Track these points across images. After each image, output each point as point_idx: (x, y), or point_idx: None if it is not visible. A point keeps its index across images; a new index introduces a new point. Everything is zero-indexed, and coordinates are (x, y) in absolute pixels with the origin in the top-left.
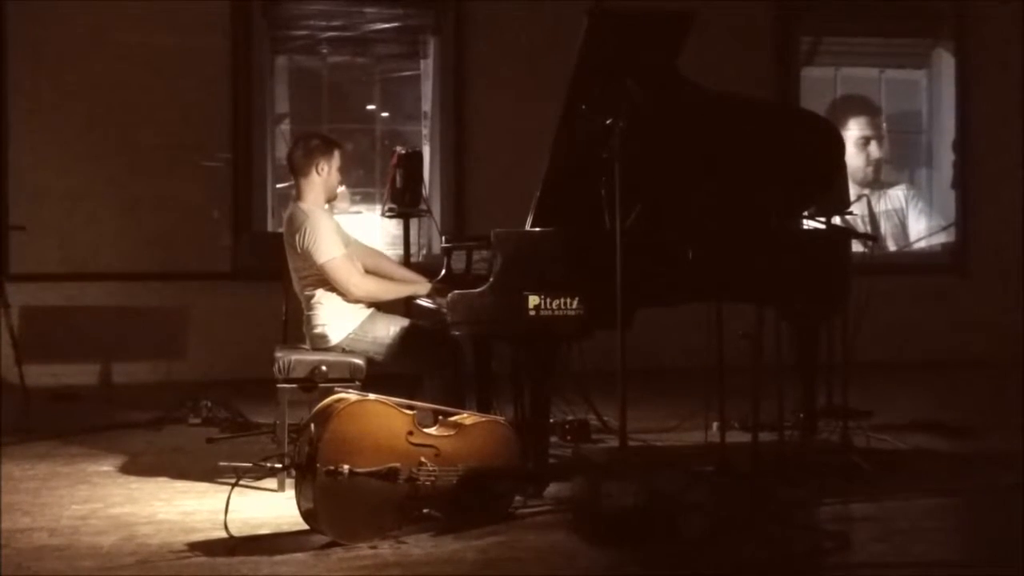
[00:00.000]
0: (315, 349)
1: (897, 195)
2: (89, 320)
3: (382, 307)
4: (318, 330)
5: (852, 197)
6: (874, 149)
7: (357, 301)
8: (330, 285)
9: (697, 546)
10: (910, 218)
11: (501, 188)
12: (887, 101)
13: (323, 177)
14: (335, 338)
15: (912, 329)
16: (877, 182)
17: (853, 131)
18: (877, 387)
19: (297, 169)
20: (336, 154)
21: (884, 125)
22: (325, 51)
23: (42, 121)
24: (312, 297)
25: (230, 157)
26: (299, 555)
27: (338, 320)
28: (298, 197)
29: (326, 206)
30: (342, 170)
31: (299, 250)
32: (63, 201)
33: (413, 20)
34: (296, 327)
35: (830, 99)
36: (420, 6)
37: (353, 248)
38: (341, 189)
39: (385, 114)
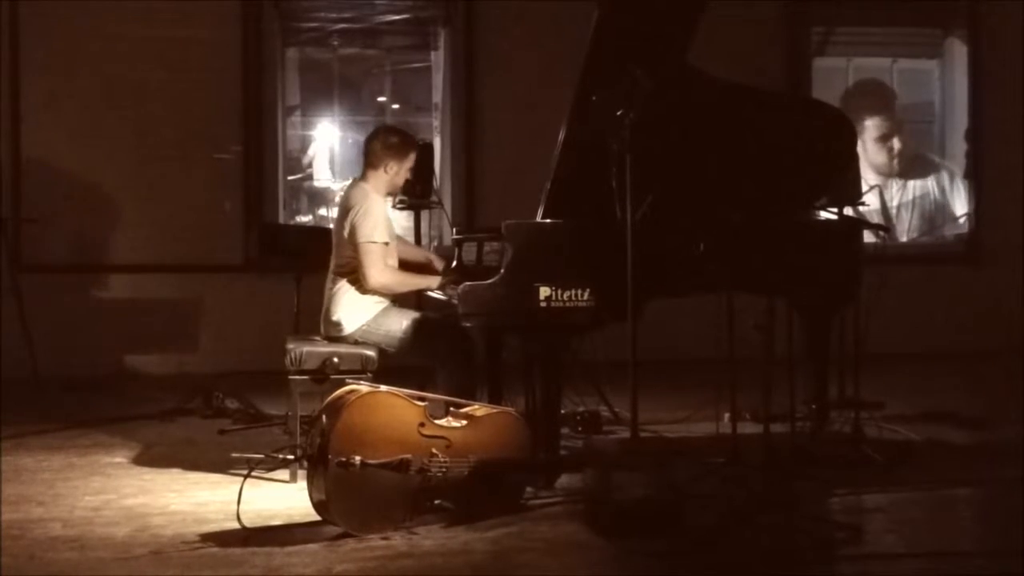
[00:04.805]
0: (328, 337)
1: (925, 184)
2: (101, 312)
3: (396, 300)
4: (334, 317)
5: (864, 188)
6: (896, 142)
7: (372, 291)
8: (353, 277)
9: (708, 537)
10: (951, 202)
11: (512, 179)
12: (899, 91)
13: (389, 175)
14: (349, 328)
15: (924, 319)
16: (906, 171)
17: (870, 124)
18: (889, 378)
19: (368, 158)
20: (411, 156)
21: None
22: (336, 43)
23: (55, 115)
24: (336, 283)
25: (241, 149)
26: (311, 546)
27: (354, 311)
28: (363, 178)
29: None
30: (414, 168)
31: (346, 226)
32: (75, 193)
33: (423, 12)
34: (308, 318)
35: (842, 89)
36: None
37: (394, 245)
38: (352, 181)
39: (396, 106)
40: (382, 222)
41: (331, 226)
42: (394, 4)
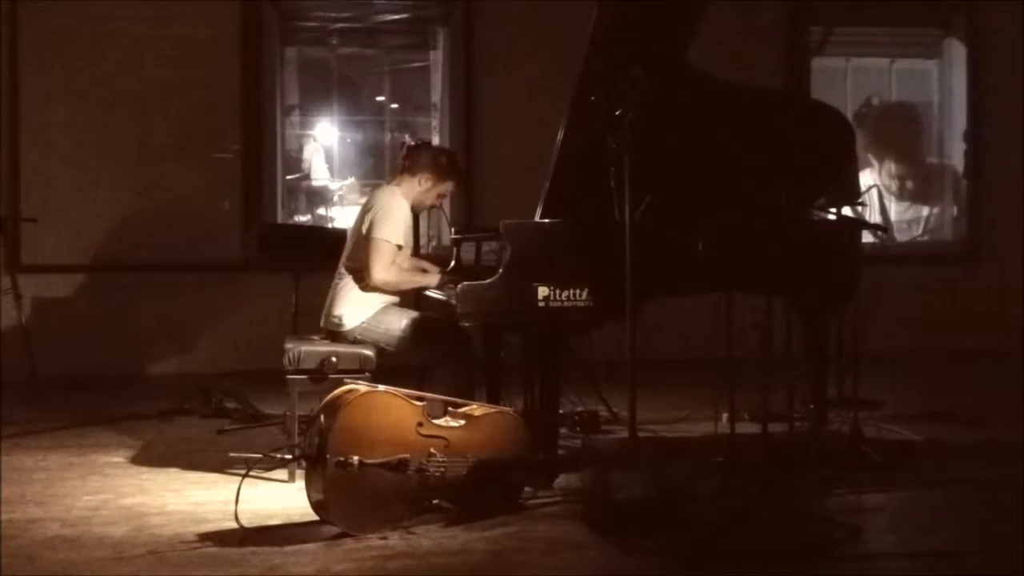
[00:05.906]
0: (327, 331)
1: (934, 202)
2: (100, 311)
3: (398, 300)
4: (336, 312)
5: (863, 187)
6: (910, 178)
7: (374, 287)
8: (359, 275)
9: (707, 537)
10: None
11: (510, 179)
12: (898, 91)
13: (420, 188)
14: (349, 324)
15: (923, 319)
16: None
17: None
18: (887, 377)
19: (409, 164)
20: (447, 184)
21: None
22: (335, 42)
23: (53, 113)
24: (342, 279)
25: (240, 148)
26: (309, 546)
27: (356, 308)
28: (396, 182)
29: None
30: (443, 197)
31: (366, 221)
32: (74, 193)
33: (422, 11)
34: (306, 317)
35: (841, 89)
36: None
37: (407, 252)
38: (350, 181)
39: (394, 105)
40: (401, 225)
41: (330, 225)
42: (393, 3)
